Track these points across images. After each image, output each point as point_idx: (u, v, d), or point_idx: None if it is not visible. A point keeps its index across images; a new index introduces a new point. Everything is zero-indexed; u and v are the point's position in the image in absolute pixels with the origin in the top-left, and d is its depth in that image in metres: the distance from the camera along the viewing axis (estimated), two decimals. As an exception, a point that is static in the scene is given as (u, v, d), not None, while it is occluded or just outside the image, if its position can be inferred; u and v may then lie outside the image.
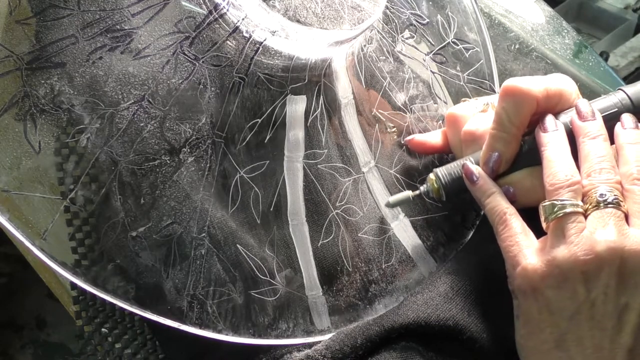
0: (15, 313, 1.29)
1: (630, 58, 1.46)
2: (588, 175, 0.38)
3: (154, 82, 0.41)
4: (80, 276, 0.39)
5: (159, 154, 0.41)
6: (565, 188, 0.38)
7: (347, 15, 0.44)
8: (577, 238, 0.37)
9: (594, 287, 0.36)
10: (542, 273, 0.37)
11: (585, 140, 0.40)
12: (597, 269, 0.36)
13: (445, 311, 0.41)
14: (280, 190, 0.44)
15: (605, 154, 0.39)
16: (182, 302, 0.40)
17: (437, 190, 0.44)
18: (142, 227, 0.40)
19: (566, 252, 0.36)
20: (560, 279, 0.37)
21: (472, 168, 0.42)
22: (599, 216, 0.37)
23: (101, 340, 0.45)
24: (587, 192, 0.38)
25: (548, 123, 0.41)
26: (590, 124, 0.40)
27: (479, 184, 0.42)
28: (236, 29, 0.43)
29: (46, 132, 0.39)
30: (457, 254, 0.46)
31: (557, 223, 0.38)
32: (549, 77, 0.43)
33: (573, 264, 0.36)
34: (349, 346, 0.41)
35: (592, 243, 0.36)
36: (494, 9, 0.66)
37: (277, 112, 0.45)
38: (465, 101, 0.49)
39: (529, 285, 0.38)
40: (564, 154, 0.40)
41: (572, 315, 0.37)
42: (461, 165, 0.43)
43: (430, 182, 0.44)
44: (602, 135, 0.40)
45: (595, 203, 0.37)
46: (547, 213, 0.38)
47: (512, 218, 0.40)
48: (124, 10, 0.41)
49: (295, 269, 0.44)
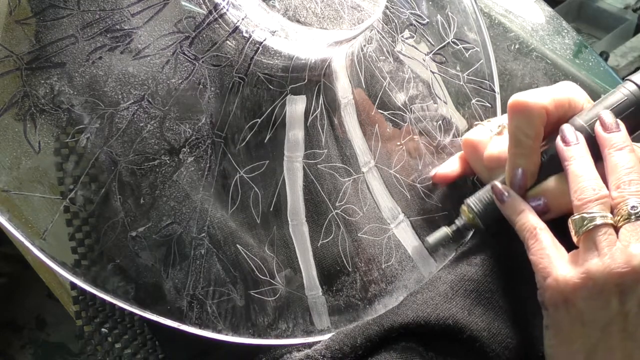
0: (15, 313, 1.29)
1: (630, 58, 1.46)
2: (617, 187, 0.39)
3: (153, 82, 0.41)
4: (80, 276, 0.39)
5: (158, 154, 0.41)
6: (594, 202, 0.38)
7: (347, 15, 0.44)
8: (610, 251, 0.37)
9: (628, 299, 0.36)
10: (574, 284, 0.37)
11: (611, 152, 0.40)
12: (634, 282, 0.36)
13: (445, 310, 0.41)
14: (280, 190, 0.44)
15: (633, 165, 0.39)
16: (181, 302, 0.40)
17: (473, 220, 0.44)
18: (142, 227, 0.40)
19: (600, 265, 0.37)
20: (594, 291, 0.37)
21: (501, 187, 0.43)
22: (632, 229, 0.37)
23: (101, 340, 0.45)
24: (617, 204, 0.38)
25: (569, 135, 0.41)
26: (616, 135, 0.40)
27: (508, 203, 0.42)
28: (236, 29, 0.43)
29: (46, 132, 0.39)
30: (457, 254, 0.46)
31: (588, 235, 0.38)
32: (554, 86, 0.43)
33: (608, 276, 0.36)
34: (349, 346, 0.41)
35: (628, 256, 0.36)
36: (494, 9, 0.66)
37: (276, 112, 0.45)
38: (477, 125, 0.49)
39: (560, 296, 0.38)
40: (589, 167, 0.40)
41: (604, 326, 0.37)
42: (490, 189, 0.43)
43: (464, 213, 0.45)
44: (628, 146, 0.40)
45: (626, 215, 0.37)
46: (577, 226, 0.38)
47: (542, 232, 0.40)
48: (124, 10, 0.41)
49: (295, 269, 0.44)
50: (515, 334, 0.42)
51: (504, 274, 0.42)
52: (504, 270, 0.43)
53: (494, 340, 0.41)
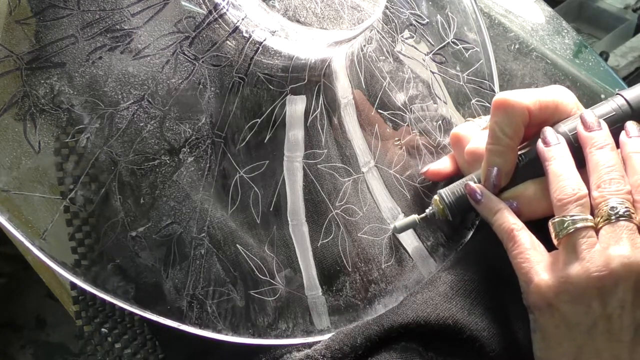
0: (15, 313, 1.29)
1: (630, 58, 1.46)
2: (598, 187, 0.38)
3: (153, 82, 0.41)
4: (80, 276, 0.39)
5: (158, 154, 0.41)
6: (574, 203, 0.38)
7: (347, 15, 0.44)
8: (589, 254, 0.37)
9: (609, 302, 0.36)
10: (555, 289, 0.37)
11: (592, 151, 0.40)
12: (613, 285, 0.36)
13: (444, 310, 0.41)
14: (280, 190, 0.44)
15: (614, 164, 0.39)
16: (181, 302, 0.40)
17: (442, 211, 0.44)
18: (142, 227, 0.40)
19: (579, 269, 0.37)
20: (576, 295, 0.37)
21: (474, 187, 0.42)
22: (612, 230, 0.37)
23: (101, 340, 0.45)
24: (598, 204, 0.38)
25: (549, 136, 0.41)
26: (597, 133, 0.40)
27: (483, 203, 0.42)
28: (236, 29, 0.43)
29: (46, 132, 0.39)
30: (457, 254, 0.46)
31: (568, 239, 0.38)
32: (543, 89, 0.43)
33: (587, 280, 0.36)
34: (349, 346, 0.41)
35: (606, 259, 0.36)
36: (493, 9, 0.66)
37: (276, 112, 0.45)
38: (469, 121, 0.49)
39: (543, 301, 0.38)
40: (569, 167, 0.40)
41: (588, 329, 0.37)
42: (464, 185, 0.43)
43: (435, 203, 0.45)
44: (609, 144, 0.40)
45: (606, 216, 0.37)
46: (558, 229, 0.38)
47: (521, 233, 0.40)
48: (124, 10, 0.41)
49: (295, 269, 0.44)
50: (516, 333, 0.42)
51: (504, 274, 0.42)
52: (504, 271, 0.42)
53: (494, 340, 0.41)
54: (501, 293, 0.43)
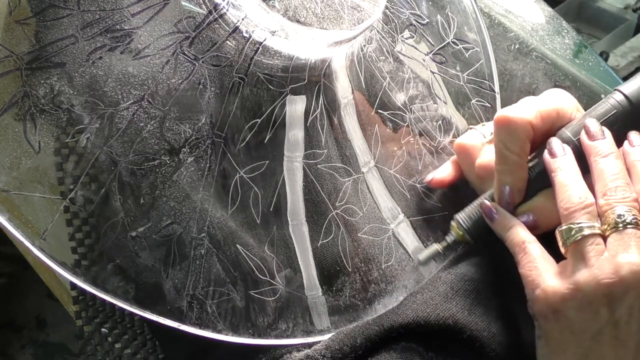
0: (15, 313, 1.29)
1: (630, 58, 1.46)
2: (604, 195, 0.38)
3: (153, 82, 0.41)
4: (80, 276, 0.39)
5: (158, 154, 0.41)
6: (580, 211, 0.38)
7: (347, 15, 0.44)
8: (597, 261, 0.37)
9: (617, 309, 0.36)
10: (562, 296, 0.37)
11: (597, 160, 0.40)
12: (623, 292, 0.36)
13: (444, 310, 0.41)
14: (280, 190, 0.44)
15: (618, 172, 0.39)
16: (181, 302, 0.40)
17: (462, 237, 0.44)
18: (142, 227, 0.40)
19: (588, 275, 0.37)
20: (584, 302, 0.37)
21: (490, 205, 0.43)
22: (619, 238, 0.37)
23: (101, 340, 0.45)
24: (604, 212, 0.38)
25: (556, 148, 0.41)
26: (601, 142, 0.40)
27: (497, 220, 0.42)
28: (236, 29, 0.43)
29: (46, 132, 0.39)
30: (457, 254, 0.46)
31: (576, 246, 0.38)
32: (541, 97, 0.43)
33: (596, 287, 0.36)
34: (349, 346, 0.41)
35: (615, 266, 0.36)
36: (493, 9, 0.66)
37: (276, 112, 0.45)
38: (470, 129, 0.49)
39: (549, 307, 0.38)
40: (575, 177, 0.40)
41: (594, 335, 0.37)
42: (479, 206, 0.43)
43: (454, 230, 0.45)
44: (613, 152, 0.40)
45: (613, 224, 0.37)
46: (565, 237, 0.38)
47: (531, 246, 0.40)
48: (124, 10, 0.41)
49: (295, 269, 0.44)
50: (516, 334, 0.42)
51: (504, 274, 0.42)
52: (504, 271, 0.42)
53: (494, 340, 0.41)
54: (501, 293, 0.43)
